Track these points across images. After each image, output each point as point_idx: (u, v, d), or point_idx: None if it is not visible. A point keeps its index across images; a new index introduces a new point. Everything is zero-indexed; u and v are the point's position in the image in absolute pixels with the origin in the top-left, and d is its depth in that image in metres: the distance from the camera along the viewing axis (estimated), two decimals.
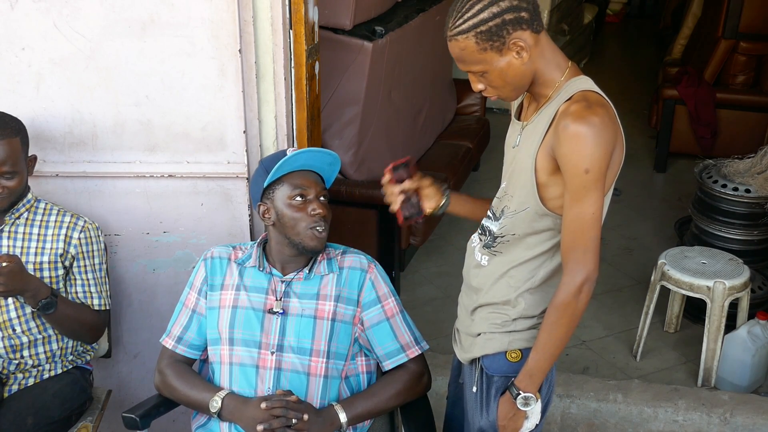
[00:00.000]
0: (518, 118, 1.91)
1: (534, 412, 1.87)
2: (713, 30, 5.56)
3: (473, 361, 1.98)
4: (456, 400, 2.18)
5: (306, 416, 1.93)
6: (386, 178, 2.00)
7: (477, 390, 1.96)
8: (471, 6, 1.69)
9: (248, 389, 2.06)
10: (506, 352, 1.90)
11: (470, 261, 2.00)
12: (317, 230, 2.05)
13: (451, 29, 1.72)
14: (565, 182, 1.72)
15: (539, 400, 1.87)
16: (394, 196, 1.99)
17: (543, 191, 1.79)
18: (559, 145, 1.70)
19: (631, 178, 5.27)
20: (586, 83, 1.77)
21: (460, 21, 1.70)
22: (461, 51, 1.73)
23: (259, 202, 2.11)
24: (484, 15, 1.67)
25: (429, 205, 2.04)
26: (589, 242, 1.72)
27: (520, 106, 1.93)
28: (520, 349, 1.89)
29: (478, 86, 1.79)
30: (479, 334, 1.94)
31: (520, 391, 1.84)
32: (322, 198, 2.09)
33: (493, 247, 1.90)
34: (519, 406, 1.85)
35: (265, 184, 2.07)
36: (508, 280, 1.88)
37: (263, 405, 1.94)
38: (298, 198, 2.05)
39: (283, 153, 2.07)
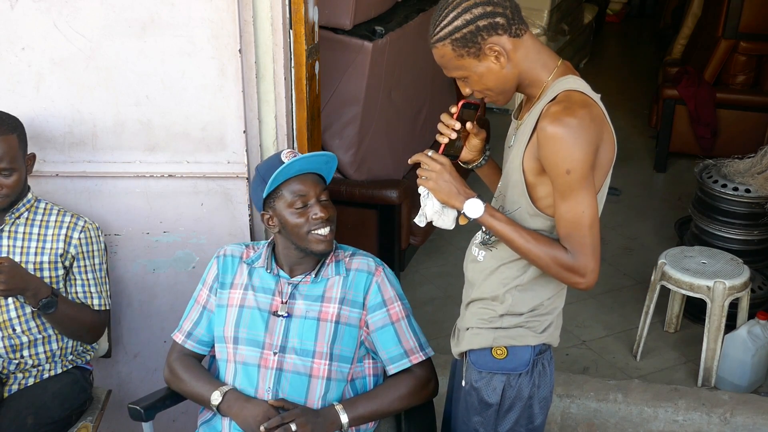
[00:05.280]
0: (517, 118, 1.91)
1: (428, 204, 1.84)
2: (713, 30, 5.56)
3: (462, 355, 1.99)
4: (451, 396, 2.18)
5: (294, 427, 1.94)
6: (453, 109, 1.92)
7: (467, 385, 1.97)
8: (446, 15, 1.74)
9: (249, 387, 2.07)
10: (492, 348, 1.90)
11: (468, 256, 2.00)
12: (321, 234, 2.05)
13: (431, 37, 1.77)
14: (551, 181, 1.74)
15: (437, 204, 1.84)
16: (448, 131, 1.91)
17: (532, 191, 1.80)
18: (540, 148, 1.72)
19: (631, 178, 5.27)
20: (572, 82, 1.76)
21: (438, 29, 1.75)
22: (441, 58, 1.79)
23: (262, 212, 2.11)
24: (458, 23, 1.72)
25: (467, 156, 2.01)
26: (583, 240, 1.72)
27: (520, 105, 1.93)
28: (505, 347, 1.89)
29: (466, 90, 1.83)
30: (468, 329, 1.95)
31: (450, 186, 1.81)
32: (323, 198, 2.07)
33: (489, 243, 1.91)
34: (426, 173, 1.82)
35: (264, 195, 2.06)
36: (498, 275, 1.89)
37: (262, 428, 1.95)
38: (299, 204, 2.04)
39: (278, 158, 2.05)
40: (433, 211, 1.86)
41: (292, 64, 2.48)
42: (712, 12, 5.77)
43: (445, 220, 1.87)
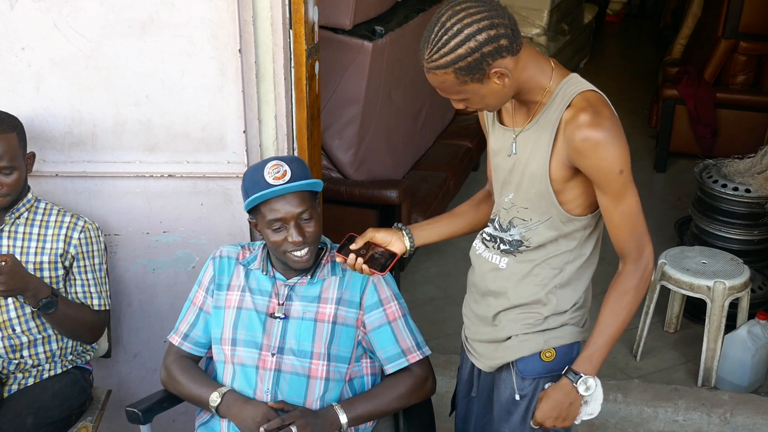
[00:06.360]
0: (501, 123, 1.88)
1: (594, 397, 1.84)
2: (713, 30, 5.56)
3: (502, 368, 1.96)
4: (468, 416, 2.14)
5: (294, 429, 1.94)
6: (341, 260, 1.99)
7: (521, 397, 1.92)
8: (447, 41, 1.62)
9: (248, 389, 2.07)
10: (541, 352, 1.88)
11: (483, 266, 1.95)
12: (297, 255, 2.03)
13: (428, 62, 1.66)
14: (601, 187, 1.75)
15: (598, 385, 1.84)
16: (358, 263, 1.96)
17: (559, 197, 1.79)
18: (582, 158, 1.71)
19: None
20: (577, 84, 1.75)
21: (437, 56, 1.63)
22: (441, 83, 1.70)
23: (249, 218, 2.09)
24: (462, 51, 1.61)
25: (397, 247, 2.01)
26: (641, 228, 1.79)
27: (499, 110, 1.89)
28: (554, 348, 1.88)
29: (459, 106, 1.78)
30: (509, 338, 1.91)
31: (581, 375, 1.80)
32: (305, 217, 2.01)
33: (514, 251, 1.88)
34: (581, 392, 1.80)
35: (246, 210, 2.05)
36: (533, 278, 1.86)
37: (262, 430, 1.94)
38: (277, 225, 2.01)
39: (261, 173, 1.99)
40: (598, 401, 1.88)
41: (292, 64, 2.49)
42: (712, 12, 5.77)
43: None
